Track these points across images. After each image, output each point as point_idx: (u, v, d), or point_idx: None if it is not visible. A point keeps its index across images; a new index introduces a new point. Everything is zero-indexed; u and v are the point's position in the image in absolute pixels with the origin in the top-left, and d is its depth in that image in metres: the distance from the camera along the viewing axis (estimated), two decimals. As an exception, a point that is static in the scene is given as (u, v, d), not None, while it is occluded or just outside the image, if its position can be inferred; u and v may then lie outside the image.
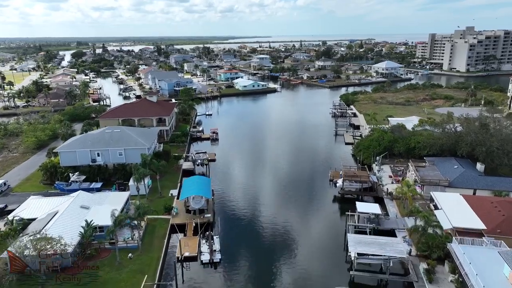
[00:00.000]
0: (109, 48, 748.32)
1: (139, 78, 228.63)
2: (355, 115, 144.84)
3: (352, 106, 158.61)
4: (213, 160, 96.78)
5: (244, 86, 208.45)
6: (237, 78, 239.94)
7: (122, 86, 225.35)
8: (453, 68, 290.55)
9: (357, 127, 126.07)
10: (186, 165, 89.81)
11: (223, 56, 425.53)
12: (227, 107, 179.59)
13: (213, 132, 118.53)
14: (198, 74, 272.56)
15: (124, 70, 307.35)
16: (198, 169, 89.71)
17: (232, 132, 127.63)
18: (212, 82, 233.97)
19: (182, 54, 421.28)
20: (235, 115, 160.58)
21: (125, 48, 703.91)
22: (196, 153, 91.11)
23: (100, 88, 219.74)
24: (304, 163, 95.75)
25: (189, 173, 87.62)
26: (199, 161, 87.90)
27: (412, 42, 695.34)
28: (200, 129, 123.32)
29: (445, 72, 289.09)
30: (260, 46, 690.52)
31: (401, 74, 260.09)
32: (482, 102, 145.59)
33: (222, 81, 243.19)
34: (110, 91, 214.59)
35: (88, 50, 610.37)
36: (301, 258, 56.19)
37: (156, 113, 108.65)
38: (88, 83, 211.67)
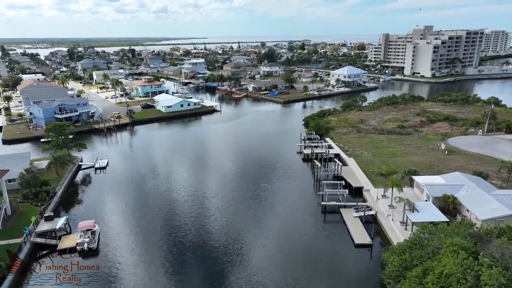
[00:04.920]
0: (17, 51, 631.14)
1: (9, 98, 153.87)
2: (339, 158, 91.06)
3: (329, 140, 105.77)
4: None
5: (168, 107, 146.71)
6: (160, 92, 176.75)
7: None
8: (416, 73, 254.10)
9: (358, 191, 72.32)
10: None
11: (149, 61, 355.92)
12: (138, 145, 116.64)
13: (87, 231, 56.96)
14: (110, 87, 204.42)
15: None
16: None
17: (131, 220, 66.25)
18: (123, 100, 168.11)
19: (93, 59, 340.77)
20: (148, 164, 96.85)
21: (34, 51, 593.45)
22: None
23: None
24: None
25: None
26: None
27: (351, 43, 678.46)
28: (60, 225, 58.32)
29: (409, 78, 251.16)
30: (194, 48, 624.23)
31: (365, 82, 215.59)
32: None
33: (140, 97, 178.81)
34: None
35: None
36: None
37: None
38: None
